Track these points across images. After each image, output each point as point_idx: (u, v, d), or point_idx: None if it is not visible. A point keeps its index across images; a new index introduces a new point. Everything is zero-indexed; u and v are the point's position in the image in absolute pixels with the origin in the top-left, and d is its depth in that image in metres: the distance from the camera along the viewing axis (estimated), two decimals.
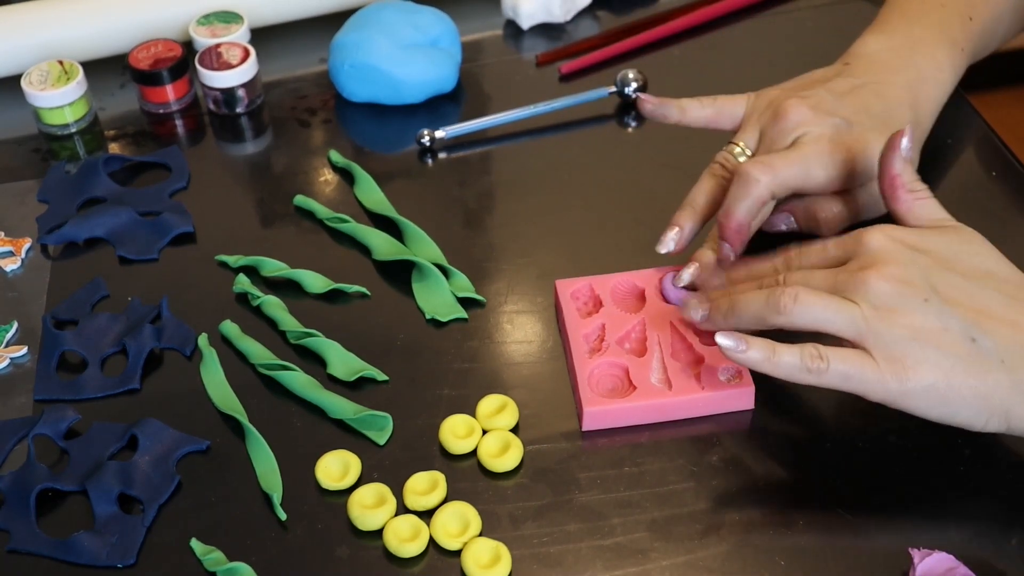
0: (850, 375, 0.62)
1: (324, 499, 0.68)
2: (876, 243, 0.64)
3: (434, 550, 0.65)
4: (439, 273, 0.79)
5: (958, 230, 0.66)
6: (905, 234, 0.65)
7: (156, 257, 0.84)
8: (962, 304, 0.62)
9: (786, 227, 0.76)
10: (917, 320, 0.61)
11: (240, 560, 0.65)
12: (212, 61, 0.94)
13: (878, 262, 0.63)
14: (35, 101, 0.94)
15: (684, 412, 0.70)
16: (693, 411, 0.70)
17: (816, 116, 0.73)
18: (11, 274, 0.84)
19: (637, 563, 0.64)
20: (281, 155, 0.94)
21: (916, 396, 0.62)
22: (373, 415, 0.71)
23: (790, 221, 0.76)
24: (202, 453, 0.71)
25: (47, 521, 0.68)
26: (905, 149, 0.66)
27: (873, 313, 0.62)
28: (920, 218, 0.66)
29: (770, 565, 0.63)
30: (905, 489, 0.66)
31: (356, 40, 0.93)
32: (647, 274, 0.76)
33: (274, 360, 0.75)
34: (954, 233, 0.66)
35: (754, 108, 0.77)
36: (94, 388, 0.75)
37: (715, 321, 0.67)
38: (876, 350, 0.62)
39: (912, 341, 0.61)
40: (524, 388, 0.73)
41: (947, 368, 0.61)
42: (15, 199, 0.90)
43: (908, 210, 0.67)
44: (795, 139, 0.73)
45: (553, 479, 0.68)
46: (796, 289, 0.63)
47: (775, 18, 1.01)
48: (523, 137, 0.91)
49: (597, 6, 1.03)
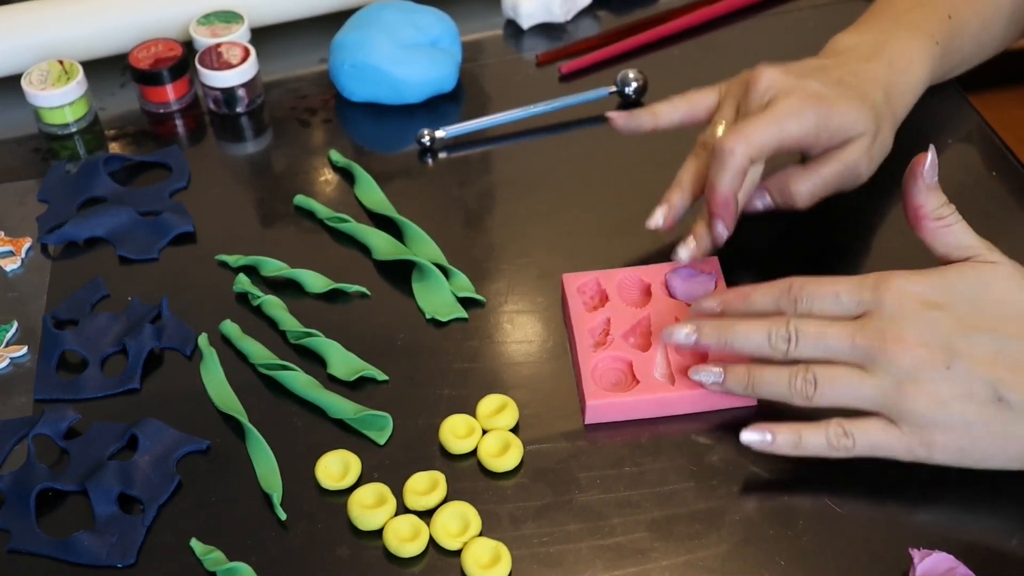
0: (878, 447, 0.63)
1: (324, 499, 0.68)
2: (893, 303, 0.62)
3: (434, 550, 0.65)
4: (439, 273, 0.79)
5: (980, 269, 0.63)
6: (924, 289, 0.63)
7: (156, 257, 0.84)
8: (986, 362, 0.61)
9: (763, 206, 0.77)
10: (942, 389, 0.61)
11: (240, 560, 0.65)
12: (212, 61, 0.94)
13: (899, 329, 0.62)
14: (35, 101, 0.94)
15: (687, 407, 0.70)
16: (696, 406, 0.70)
17: (786, 77, 0.74)
18: (11, 274, 0.84)
19: (637, 563, 0.64)
20: (281, 155, 0.94)
21: (944, 456, 0.62)
22: (373, 415, 0.71)
23: (766, 200, 0.76)
24: (202, 453, 0.71)
25: (47, 521, 0.68)
26: (927, 175, 0.65)
27: (896, 388, 0.62)
28: (948, 245, 0.65)
29: (770, 565, 0.63)
30: (905, 489, 0.66)
31: (356, 40, 0.93)
32: (654, 269, 0.76)
33: (274, 360, 0.75)
34: (975, 275, 0.63)
35: (728, 90, 0.77)
36: (94, 388, 0.75)
37: (732, 391, 0.67)
38: (901, 421, 0.62)
39: (937, 411, 0.61)
40: (524, 388, 0.73)
41: (973, 432, 0.61)
42: (15, 199, 0.90)
43: (935, 239, 0.65)
44: (768, 100, 0.73)
45: (553, 479, 0.68)
46: (814, 375, 0.63)
47: (775, 18, 1.01)
48: (523, 137, 0.91)
49: (597, 6, 1.03)
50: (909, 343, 0.61)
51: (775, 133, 0.72)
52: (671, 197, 0.76)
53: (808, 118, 0.72)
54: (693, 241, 0.75)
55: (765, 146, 0.72)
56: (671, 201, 0.75)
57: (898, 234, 0.80)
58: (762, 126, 0.72)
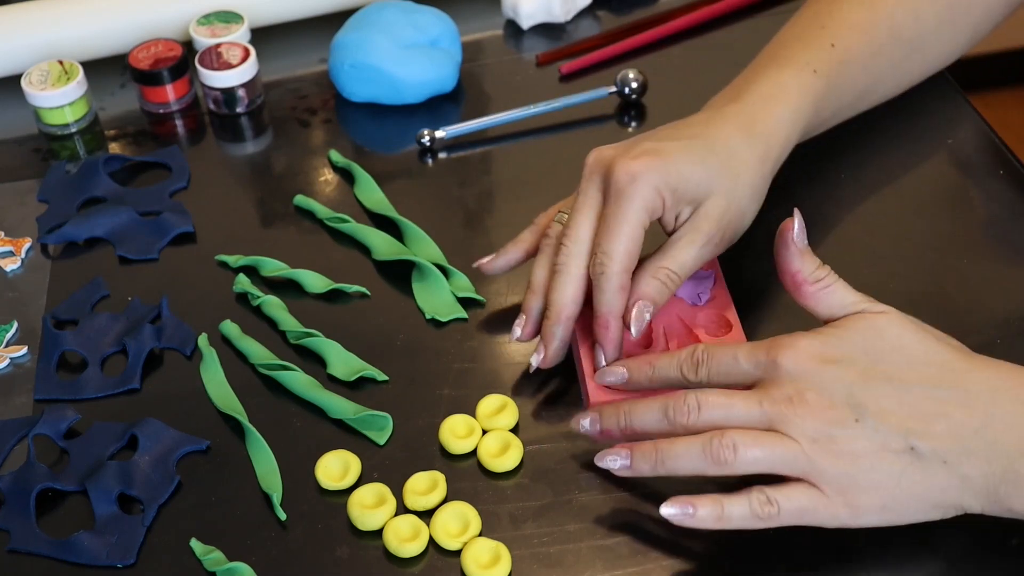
0: (803, 512, 0.61)
1: (324, 499, 0.68)
2: (790, 364, 0.61)
3: (434, 550, 0.65)
4: (439, 273, 0.79)
5: (871, 320, 0.62)
6: (819, 347, 0.62)
7: (156, 257, 0.84)
8: (892, 413, 0.60)
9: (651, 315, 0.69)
10: (857, 445, 0.60)
11: (240, 560, 0.65)
12: (212, 61, 0.94)
13: (801, 390, 0.61)
14: (35, 101, 0.94)
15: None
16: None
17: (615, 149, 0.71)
18: (11, 274, 0.84)
19: (637, 563, 0.64)
20: (281, 155, 0.94)
21: (869, 518, 0.61)
22: (373, 415, 0.71)
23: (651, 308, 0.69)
24: (202, 453, 0.71)
25: (47, 521, 0.68)
26: (797, 239, 0.64)
27: (812, 447, 0.60)
28: (831, 307, 0.64)
29: (770, 565, 0.63)
30: None
31: (356, 40, 0.93)
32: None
33: (274, 360, 0.75)
34: (868, 326, 0.62)
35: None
36: (94, 388, 0.75)
37: (640, 471, 0.63)
38: (823, 483, 0.60)
39: (855, 467, 0.60)
40: (524, 388, 0.73)
41: (892, 486, 0.60)
42: (15, 199, 0.90)
43: (818, 302, 0.64)
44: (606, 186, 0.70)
45: (553, 479, 0.68)
46: (731, 438, 0.61)
47: (775, 18, 1.01)
48: (523, 137, 0.91)
49: (597, 6, 1.03)
50: (812, 404, 0.60)
51: (627, 228, 0.68)
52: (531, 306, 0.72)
53: (644, 186, 0.68)
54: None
55: (631, 250, 0.68)
56: (530, 312, 0.72)
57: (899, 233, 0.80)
58: (614, 231, 0.68)
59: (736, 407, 0.62)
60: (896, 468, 0.60)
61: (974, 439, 0.59)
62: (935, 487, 0.60)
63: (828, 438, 0.60)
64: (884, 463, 0.60)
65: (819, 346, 0.62)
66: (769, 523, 0.61)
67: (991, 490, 0.59)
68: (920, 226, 0.81)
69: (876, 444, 0.60)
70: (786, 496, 0.60)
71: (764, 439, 0.61)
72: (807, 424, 0.60)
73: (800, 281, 0.64)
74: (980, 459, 0.59)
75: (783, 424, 0.61)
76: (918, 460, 0.60)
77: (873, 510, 0.60)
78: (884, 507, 0.60)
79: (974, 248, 0.79)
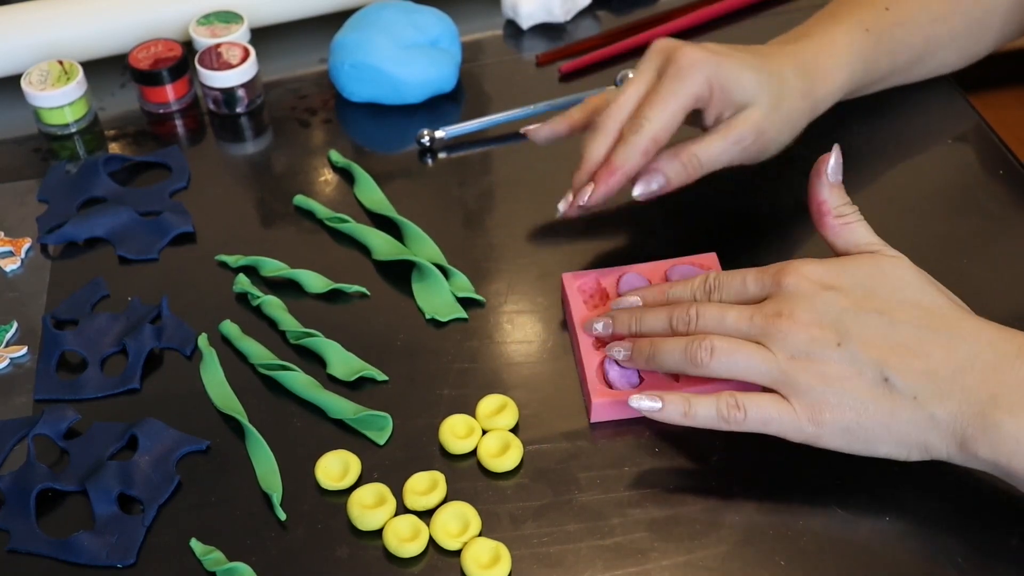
0: (768, 421, 0.64)
1: (324, 499, 0.68)
2: (792, 285, 0.65)
3: (434, 550, 0.65)
4: (439, 273, 0.79)
5: (879, 259, 0.66)
6: (823, 273, 0.65)
7: (156, 257, 0.84)
8: (875, 344, 0.63)
9: (657, 187, 0.75)
10: (831, 368, 0.63)
11: (240, 560, 0.65)
12: (212, 61, 0.94)
13: (793, 308, 0.64)
14: (35, 101, 0.94)
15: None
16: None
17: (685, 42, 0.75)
18: (11, 274, 0.84)
19: (637, 563, 0.64)
20: (281, 155, 0.94)
21: (833, 437, 0.63)
22: (373, 415, 0.71)
23: (660, 180, 0.75)
24: (202, 453, 0.71)
25: (47, 521, 0.68)
26: (831, 173, 0.67)
27: (789, 362, 0.63)
28: (848, 242, 0.67)
29: (770, 565, 0.63)
30: (905, 490, 0.66)
31: (356, 40, 0.93)
32: (653, 267, 0.76)
33: (274, 360, 0.75)
34: (874, 264, 0.65)
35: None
36: (94, 388, 0.75)
37: (636, 362, 0.69)
38: (793, 397, 0.63)
39: (826, 387, 0.63)
40: (524, 388, 0.73)
41: (860, 410, 0.62)
42: (15, 199, 0.90)
43: (836, 235, 0.67)
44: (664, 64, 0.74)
45: (553, 479, 0.68)
46: (711, 342, 0.65)
47: (775, 18, 1.01)
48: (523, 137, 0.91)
49: (597, 6, 1.03)
50: (801, 321, 0.63)
51: (673, 103, 0.73)
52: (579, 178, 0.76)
53: (699, 73, 0.73)
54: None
55: (668, 124, 0.73)
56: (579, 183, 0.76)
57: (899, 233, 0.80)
58: (659, 102, 0.73)
59: (728, 317, 0.66)
60: (866, 396, 0.62)
61: (949, 381, 0.61)
62: (901, 420, 0.62)
63: (806, 356, 0.63)
64: (855, 389, 0.62)
65: (822, 272, 0.65)
66: (734, 426, 0.64)
67: (958, 433, 0.61)
68: (920, 226, 0.81)
69: (851, 370, 0.62)
70: (754, 402, 0.64)
71: (744, 346, 0.64)
72: (789, 339, 0.63)
73: (825, 211, 0.67)
74: (952, 401, 0.61)
75: (767, 337, 0.64)
76: (889, 392, 0.62)
77: (837, 431, 0.63)
78: (848, 429, 0.63)
79: (974, 248, 0.79)
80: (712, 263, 0.76)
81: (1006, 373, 0.61)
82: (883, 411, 0.62)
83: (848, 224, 0.67)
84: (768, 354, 0.64)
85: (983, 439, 0.60)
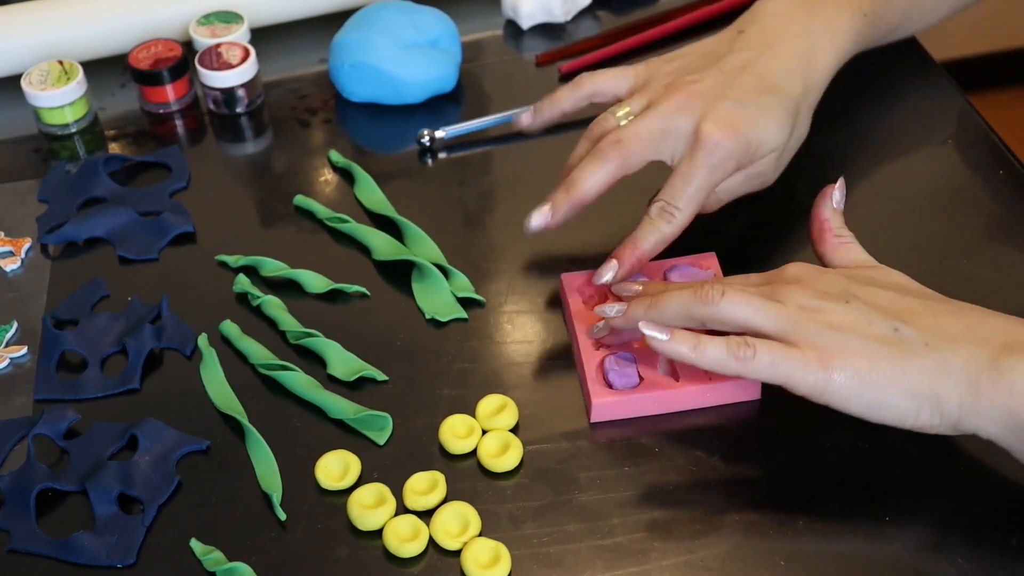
0: (777, 363, 0.63)
1: (324, 499, 0.68)
2: (795, 269, 0.66)
3: (434, 550, 0.66)
4: (439, 273, 0.79)
5: (877, 267, 0.68)
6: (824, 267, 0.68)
7: (156, 257, 0.84)
8: (883, 307, 0.64)
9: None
10: (840, 317, 0.63)
11: (240, 560, 0.65)
12: (212, 61, 0.94)
13: (800, 277, 0.65)
14: (35, 101, 0.94)
15: (692, 403, 0.70)
16: (701, 402, 0.70)
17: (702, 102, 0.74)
18: (11, 274, 0.84)
19: (637, 563, 0.64)
20: (281, 155, 0.94)
21: (840, 384, 0.62)
22: (373, 415, 0.71)
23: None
24: (202, 453, 0.71)
25: (47, 521, 0.68)
26: (836, 201, 0.71)
27: (798, 311, 0.64)
28: (844, 259, 0.69)
29: (770, 565, 0.63)
30: (905, 490, 0.66)
31: (356, 40, 0.93)
32: (652, 266, 0.76)
33: (274, 360, 0.75)
34: (873, 268, 0.68)
35: (645, 84, 0.78)
36: (94, 388, 0.75)
37: (633, 316, 0.68)
38: (802, 342, 0.63)
39: (836, 332, 0.63)
40: (524, 388, 0.73)
41: (871, 355, 0.62)
42: (15, 199, 0.90)
43: (833, 251, 0.70)
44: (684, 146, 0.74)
45: (553, 479, 0.68)
46: (723, 286, 0.65)
47: None
48: (523, 137, 0.91)
49: (597, 6, 1.03)
50: (810, 288, 0.64)
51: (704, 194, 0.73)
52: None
53: (731, 160, 0.73)
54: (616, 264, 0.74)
55: (696, 211, 0.73)
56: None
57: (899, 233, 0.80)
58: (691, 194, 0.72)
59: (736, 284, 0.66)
60: (876, 343, 0.62)
61: (962, 332, 0.62)
62: (912, 365, 0.61)
63: (815, 308, 0.64)
64: (865, 336, 0.62)
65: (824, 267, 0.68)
66: (742, 365, 0.63)
67: (972, 379, 0.60)
68: (920, 226, 0.81)
69: (861, 320, 0.63)
70: (764, 344, 0.63)
71: (755, 295, 0.65)
72: (799, 295, 0.64)
73: (827, 228, 0.70)
74: (965, 347, 0.61)
75: (777, 294, 0.65)
76: (900, 340, 0.62)
77: (846, 378, 0.62)
78: (858, 375, 0.62)
79: (974, 248, 0.79)
80: (711, 263, 0.76)
81: (1015, 328, 0.62)
82: (894, 355, 0.62)
83: (846, 244, 0.70)
84: (778, 304, 0.64)
85: (1001, 383, 0.60)
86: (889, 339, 0.62)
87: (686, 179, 0.73)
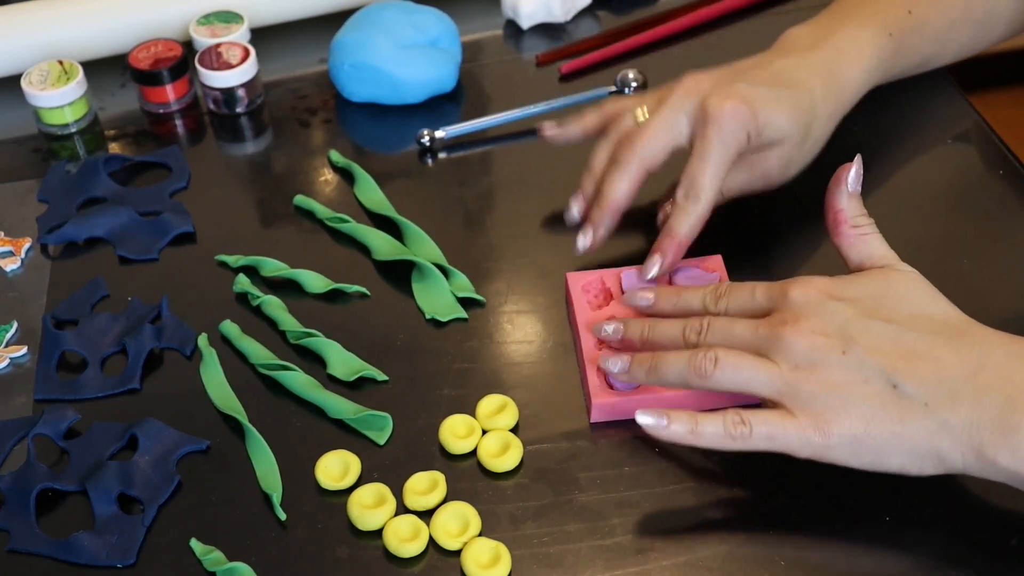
0: (774, 436, 0.62)
1: (324, 499, 0.68)
2: (798, 296, 0.64)
3: (434, 550, 0.65)
4: (439, 273, 0.79)
5: (890, 273, 0.65)
6: (830, 285, 0.64)
7: (156, 257, 0.84)
8: (882, 350, 0.61)
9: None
10: (836, 375, 0.61)
11: (240, 560, 0.65)
12: (212, 61, 0.94)
13: (798, 317, 0.63)
14: (35, 101, 0.94)
15: (692, 404, 0.70)
16: (701, 403, 0.70)
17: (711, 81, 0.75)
18: (11, 274, 0.84)
19: (637, 563, 0.64)
20: (281, 155, 0.94)
21: (840, 448, 0.61)
22: (373, 415, 0.71)
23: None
24: (202, 453, 0.71)
25: (47, 521, 0.68)
26: (851, 183, 0.67)
27: (792, 372, 0.62)
28: (861, 254, 0.66)
29: (770, 566, 0.63)
30: (906, 490, 0.66)
31: (356, 40, 0.93)
32: None
33: (274, 360, 0.75)
34: (884, 277, 0.65)
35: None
36: (94, 388, 0.75)
37: (635, 376, 0.67)
38: (796, 408, 0.62)
39: (831, 394, 0.61)
40: (524, 388, 0.73)
41: (868, 417, 0.60)
42: (15, 199, 0.90)
43: (850, 245, 0.67)
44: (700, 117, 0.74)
45: (553, 479, 0.68)
46: (715, 353, 0.63)
47: (775, 18, 1.01)
48: (523, 137, 0.91)
49: (597, 6, 1.03)
50: (805, 329, 0.62)
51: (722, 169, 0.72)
52: (585, 188, 0.78)
53: (742, 131, 0.72)
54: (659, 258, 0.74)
55: (719, 188, 0.73)
56: (585, 193, 0.78)
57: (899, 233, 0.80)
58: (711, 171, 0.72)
59: (736, 328, 0.65)
60: (874, 401, 0.61)
61: (962, 385, 0.60)
62: (912, 427, 0.60)
63: (809, 364, 0.62)
64: (862, 395, 0.61)
65: (830, 285, 0.64)
66: (741, 443, 0.62)
67: (975, 440, 0.59)
68: (920, 226, 0.81)
69: (857, 377, 0.61)
70: (760, 418, 0.62)
71: (747, 358, 0.63)
72: (792, 348, 0.62)
73: (842, 220, 0.67)
74: (966, 405, 0.59)
75: (771, 349, 0.63)
76: (898, 399, 0.60)
77: (844, 440, 0.61)
78: (856, 439, 0.61)
79: (974, 248, 0.79)
80: (717, 265, 0.76)
81: (1020, 372, 0.59)
82: (892, 418, 0.60)
83: (863, 235, 0.66)
84: (772, 365, 0.62)
85: (1003, 445, 0.58)
86: (887, 399, 0.60)
87: (702, 157, 0.72)
